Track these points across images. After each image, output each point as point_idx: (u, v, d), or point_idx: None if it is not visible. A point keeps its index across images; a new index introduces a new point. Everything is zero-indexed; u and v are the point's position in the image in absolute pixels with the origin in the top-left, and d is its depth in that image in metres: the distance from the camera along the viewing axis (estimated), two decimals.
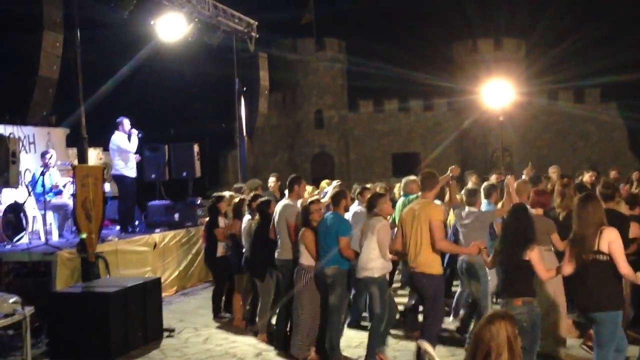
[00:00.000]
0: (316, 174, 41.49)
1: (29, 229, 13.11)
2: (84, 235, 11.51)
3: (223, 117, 22.34)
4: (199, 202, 16.13)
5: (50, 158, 13.22)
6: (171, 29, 15.60)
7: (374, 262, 8.80)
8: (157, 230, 14.83)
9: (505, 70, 43.63)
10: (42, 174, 12.80)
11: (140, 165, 15.44)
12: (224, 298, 12.45)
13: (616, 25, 46.63)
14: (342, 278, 9.19)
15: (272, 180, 14.92)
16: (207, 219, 12.59)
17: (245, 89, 19.61)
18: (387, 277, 9.43)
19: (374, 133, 48.78)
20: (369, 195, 9.74)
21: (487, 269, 9.00)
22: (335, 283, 9.08)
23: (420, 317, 9.79)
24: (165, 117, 24.27)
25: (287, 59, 44.77)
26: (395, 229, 9.62)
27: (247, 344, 10.53)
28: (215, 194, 12.81)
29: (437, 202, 9.68)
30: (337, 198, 9.57)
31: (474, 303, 9.94)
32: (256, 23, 19.49)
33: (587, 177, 14.43)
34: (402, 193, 11.24)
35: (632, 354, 8.38)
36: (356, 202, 11.31)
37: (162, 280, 12.94)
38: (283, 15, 39.09)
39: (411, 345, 9.50)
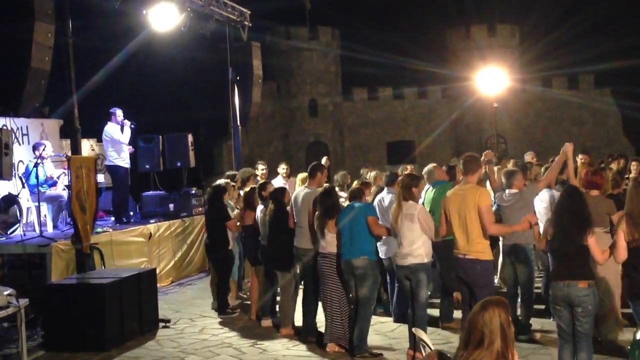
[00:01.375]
0: (311, 162, 41.26)
1: (23, 221, 13.09)
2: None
3: (216, 106, 22.28)
4: (193, 192, 16.10)
5: (43, 150, 13.17)
6: (163, 18, 15.53)
7: (421, 247, 8.64)
8: (152, 220, 14.80)
9: (499, 56, 43.58)
10: (36, 165, 12.75)
11: (134, 156, 15.41)
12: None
13: (610, 11, 46.59)
14: (373, 269, 9.06)
15: (261, 168, 14.78)
16: (206, 208, 12.36)
17: (238, 78, 19.55)
18: None
19: (368, 121, 48.70)
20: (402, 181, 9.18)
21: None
22: (366, 274, 8.96)
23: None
24: (158, 107, 24.17)
25: (281, 48, 44.63)
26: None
27: (243, 334, 10.54)
28: (218, 183, 12.43)
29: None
30: (358, 192, 9.54)
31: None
32: (249, 12, 19.41)
33: (579, 160, 14.36)
34: (427, 183, 10.74)
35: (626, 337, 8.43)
36: (385, 189, 10.88)
37: (158, 270, 12.93)
38: (276, 4, 38.94)
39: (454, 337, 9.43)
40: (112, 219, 15.14)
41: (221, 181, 12.69)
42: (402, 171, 11.17)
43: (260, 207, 11.01)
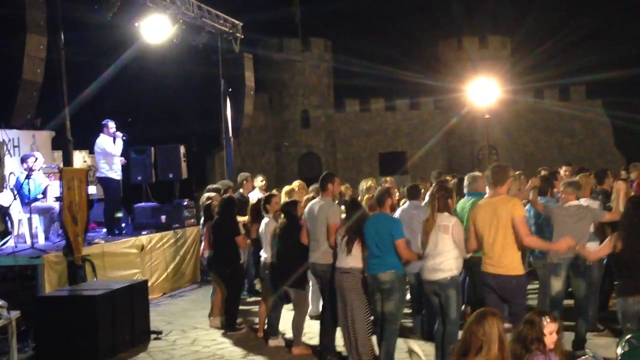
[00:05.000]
0: (303, 174, 41.51)
1: (15, 233, 13.06)
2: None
3: (209, 118, 22.29)
4: (185, 203, 16.09)
5: (35, 162, 13.17)
6: (156, 30, 15.54)
7: (451, 260, 8.27)
8: (144, 232, 14.78)
9: (490, 68, 43.81)
10: (27, 177, 12.74)
11: (126, 168, 15.40)
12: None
13: (600, 22, 46.85)
14: (401, 284, 8.72)
15: (260, 180, 14.84)
16: (214, 221, 11.69)
17: (230, 89, 19.54)
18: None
19: (360, 132, 48.85)
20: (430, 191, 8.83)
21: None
22: (393, 289, 8.57)
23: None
24: (150, 119, 24.18)
25: (273, 59, 44.76)
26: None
27: (235, 345, 10.53)
28: (228, 196, 12.20)
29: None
30: (382, 197, 8.93)
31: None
32: (241, 23, 19.44)
33: (562, 172, 14.40)
34: (466, 192, 10.27)
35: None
36: (407, 202, 10.48)
37: (150, 282, 12.92)
38: (268, 16, 39.07)
39: None
40: (104, 230, 15.13)
41: (210, 193, 12.66)
42: (468, 179, 10.32)
43: (265, 220, 10.59)
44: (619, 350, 6.31)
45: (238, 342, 10.66)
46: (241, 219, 11.73)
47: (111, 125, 14.51)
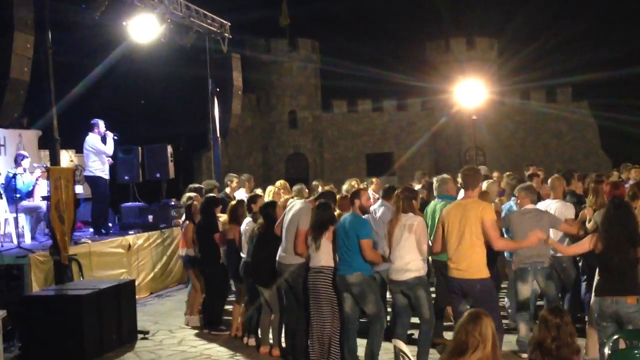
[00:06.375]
0: (290, 174, 41.52)
1: (1, 232, 13.02)
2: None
3: (196, 118, 22.26)
4: (172, 203, 16.07)
5: (25, 161, 13.20)
6: (143, 29, 15.52)
7: (416, 261, 8.35)
8: (131, 232, 14.77)
9: (478, 69, 43.90)
10: (14, 176, 12.70)
11: (113, 167, 15.38)
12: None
13: (587, 24, 47.07)
14: (370, 284, 8.66)
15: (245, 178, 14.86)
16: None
17: (218, 90, 19.54)
18: None
19: (347, 133, 48.86)
20: (399, 192, 8.77)
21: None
22: (364, 291, 8.55)
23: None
24: (138, 118, 24.14)
25: (261, 60, 44.70)
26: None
27: (222, 346, 10.52)
28: (212, 195, 12.23)
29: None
30: (352, 198, 8.98)
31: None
32: (229, 24, 19.44)
33: (527, 173, 14.36)
34: (435, 194, 10.35)
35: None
36: (380, 201, 10.52)
37: (137, 282, 12.89)
38: (256, 16, 39.02)
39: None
40: (91, 230, 15.09)
41: (191, 193, 12.61)
42: (437, 182, 10.39)
43: (247, 220, 10.54)
44: (607, 351, 6.33)
45: (225, 343, 10.66)
46: (223, 217, 11.66)
47: (101, 124, 14.53)
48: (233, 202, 11.55)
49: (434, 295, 9.67)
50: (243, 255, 10.46)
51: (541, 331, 5.13)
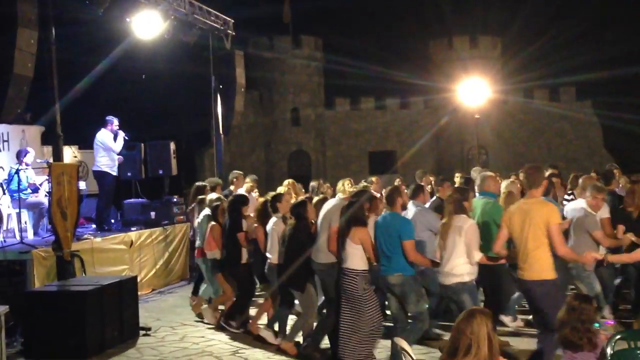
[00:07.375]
0: (293, 172, 41.52)
1: (4, 228, 13.03)
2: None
3: (199, 115, 22.25)
4: (175, 200, 16.07)
5: (28, 157, 13.19)
6: (147, 26, 15.50)
7: (463, 266, 8.15)
8: (134, 228, 14.76)
9: (481, 68, 43.89)
10: (17, 172, 12.71)
11: None
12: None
13: (590, 23, 47.05)
14: (411, 285, 8.45)
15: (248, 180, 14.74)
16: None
17: (221, 86, 19.53)
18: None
19: (350, 131, 48.84)
20: (450, 189, 8.64)
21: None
22: (404, 292, 8.40)
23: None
24: (141, 114, 24.12)
25: (264, 57, 44.69)
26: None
27: (224, 342, 10.52)
28: (239, 194, 11.98)
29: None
30: (392, 196, 8.65)
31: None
32: (232, 21, 19.42)
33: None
34: (477, 191, 10.07)
35: None
36: (410, 202, 10.02)
37: (139, 278, 12.88)
38: (260, 13, 39.02)
39: None
40: (93, 226, 15.10)
41: (215, 195, 12.41)
42: (480, 178, 10.11)
43: (273, 220, 10.25)
44: (609, 350, 6.33)
45: (227, 339, 10.65)
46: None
47: (115, 122, 14.58)
48: (261, 200, 11.42)
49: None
50: (269, 255, 10.21)
51: (565, 313, 5.60)
